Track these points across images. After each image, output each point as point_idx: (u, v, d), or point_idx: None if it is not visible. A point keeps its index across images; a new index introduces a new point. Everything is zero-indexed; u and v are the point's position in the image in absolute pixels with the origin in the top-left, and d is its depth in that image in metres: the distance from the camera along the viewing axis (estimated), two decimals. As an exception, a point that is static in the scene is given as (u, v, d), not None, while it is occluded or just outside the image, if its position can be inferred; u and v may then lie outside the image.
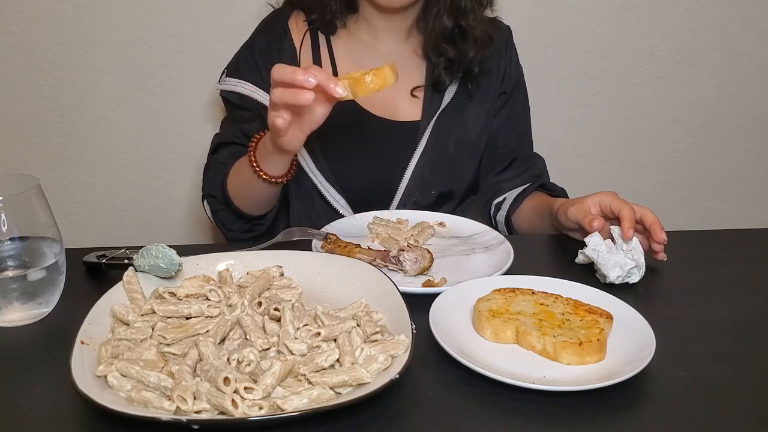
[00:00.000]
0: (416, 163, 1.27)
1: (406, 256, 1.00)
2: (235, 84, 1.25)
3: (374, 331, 0.78)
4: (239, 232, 1.22)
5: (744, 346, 0.85)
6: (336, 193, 1.26)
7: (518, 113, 1.37)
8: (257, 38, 1.29)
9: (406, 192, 1.27)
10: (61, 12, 1.48)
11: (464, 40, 1.23)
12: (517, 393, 0.74)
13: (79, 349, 0.73)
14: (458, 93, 1.30)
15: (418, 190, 1.28)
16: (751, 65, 1.74)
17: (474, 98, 1.30)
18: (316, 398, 0.69)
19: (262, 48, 1.26)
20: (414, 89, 1.29)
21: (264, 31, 1.29)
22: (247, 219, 1.20)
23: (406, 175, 1.27)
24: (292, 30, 1.27)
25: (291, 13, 1.29)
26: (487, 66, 1.30)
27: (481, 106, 1.31)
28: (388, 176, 1.27)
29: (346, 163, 1.26)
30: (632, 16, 1.65)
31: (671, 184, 1.82)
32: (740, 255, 1.10)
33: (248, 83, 1.24)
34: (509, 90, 1.34)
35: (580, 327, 0.82)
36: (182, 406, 0.67)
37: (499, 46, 1.31)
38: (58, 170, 1.60)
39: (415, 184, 1.27)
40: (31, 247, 0.86)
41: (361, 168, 1.27)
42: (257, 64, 1.25)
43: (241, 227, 1.22)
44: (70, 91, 1.54)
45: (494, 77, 1.32)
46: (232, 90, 1.26)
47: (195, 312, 0.81)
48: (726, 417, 0.72)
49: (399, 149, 1.27)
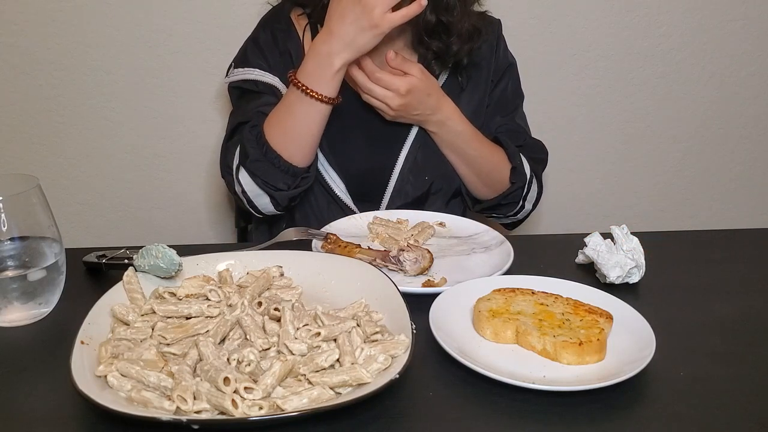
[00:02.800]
0: (409, 148, 1.29)
1: (406, 256, 1.00)
2: (246, 72, 1.28)
3: (374, 331, 0.78)
4: (287, 189, 1.19)
5: (744, 346, 0.85)
6: (336, 176, 1.28)
7: (509, 102, 1.37)
8: (262, 32, 1.32)
9: (401, 177, 1.29)
10: (61, 12, 1.48)
11: (448, 35, 1.25)
12: (517, 393, 0.74)
13: (79, 349, 0.73)
14: (449, 83, 1.31)
15: (411, 175, 1.29)
16: (751, 65, 1.74)
17: (466, 90, 1.32)
18: (316, 398, 0.69)
19: (267, 40, 1.30)
20: None
21: (267, 25, 1.32)
22: (292, 172, 1.18)
23: (400, 158, 1.29)
24: (295, 21, 1.31)
25: (291, 8, 1.32)
26: (478, 59, 1.32)
27: (473, 96, 1.32)
28: (384, 160, 1.29)
29: (344, 145, 1.28)
30: (632, 16, 1.65)
31: (671, 184, 1.82)
32: (740, 255, 1.10)
33: (257, 69, 1.27)
34: (497, 78, 1.35)
35: (580, 327, 0.82)
36: (182, 406, 0.67)
37: (490, 39, 1.33)
38: (58, 170, 1.60)
39: (409, 169, 1.29)
40: (31, 247, 0.86)
41: (359, 150, 1.29)
42: (264, 54, 1.29)
43: (287, 181, 1.18)
44: (70, 91, 1.54)
45: (485, 69, 1.33)
46: (244, 78, 1.28)
47: (195, 312, 0.81)
48: (726, 417, 0.72)
49: (392, 136, 1.29)
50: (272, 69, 1.27)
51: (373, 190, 1.30)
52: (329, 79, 1.13)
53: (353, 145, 1.29)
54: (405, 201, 1.30)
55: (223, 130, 1.47)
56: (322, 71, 1.13)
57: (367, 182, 1.29)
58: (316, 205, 1.28)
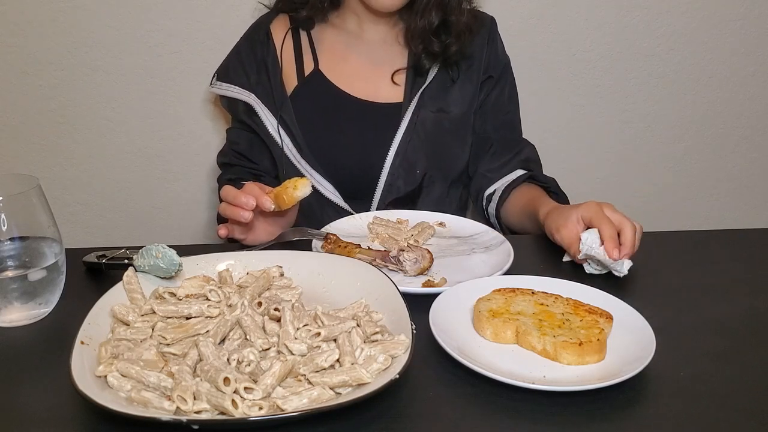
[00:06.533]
0: (399, 142, 1.29)
1: (406, 256, 1.00)
2: (225, 89, 1.34)
3: (374, 331, 0.78)
4: None
5: (744, 346, 0.85)
6: (322, 179, 1.29)
7: (505, 99, 1.38)
8: (243, 44, 1.37)
9: (391, 172, 1.29)
10: (61, 12, 1.48)
11: (448, 34, 1.27)
12: (517, 393, 0.74)
13: (79, 349, 0.73)
14: (439, 76, 1.32)
15: (402, 169, 1.30)
16: (751, 65, 1.74)
17: (456, 82, 1.33)
18: (316, 398, 0.69)
19: (247, 53, 1.34)
20: (395, 73, 1.32)
21: (249, 38, 1.37)
22: None
23: (390, 153, 1.29)
24: (274, 33, 1.34)
25: (274, 17, 1.36)
26: (469, 52, 1.32)
27: (463, 89, 1.33)
28: (373, 157, 1.30)
29: (329, 148, 1.30)
30: (632, 16, 1.65)
31: (671, 184, 1.82)
32: (740, 255, 1.10)
33: (235, 86, 1.32)
34: (496, 75, 1.36)
35: (580, 327, 0.82)
36: (182, 406, 0.67)
37: (481, 35, 1.34)
38: (58, 170, 1.60)
39: (399, 163, 1.29)
40: (31, 247, 0.86)
41: (345, 151, 1.30)
42: (245, 69, 1.33)
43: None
44: (70, 91, 1.54)
45: (476, 63, 1.33)
46: (221, 94, 1.35)
47: (195, 312, 0.81)
48: (726, 417, 0.72)
49: (382, 130, 1.30)
50: (251, 84, 1.31)
51: (363, 188, 1.30)
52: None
53: (340, 146, 1.30)
54: (397, 195, 1.30)
55: (222, 130, 1.48)
56: None
57: (356, 181, 1.30)
58: (309, 209, 1.27)
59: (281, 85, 1.30)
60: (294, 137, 1.29)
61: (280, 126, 1.28)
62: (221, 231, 1.07)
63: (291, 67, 1.32)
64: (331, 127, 1.30)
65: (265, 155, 1.32)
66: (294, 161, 1.28)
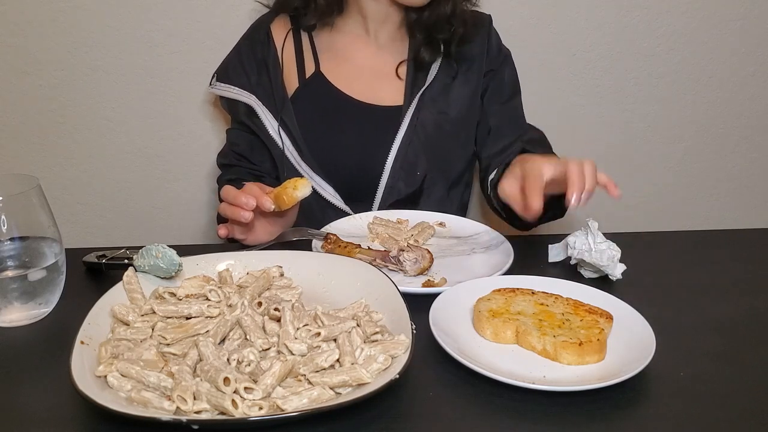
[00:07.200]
0: (400, 143, 1.28)
1: (406, 256, 1.00)
2: (224, 89, 1.33)
3: (374, 331, 0.78)
4: None
5: (744, 346, 0.85)
6: (323, 181, 1.28)
7: (506, 86, 1.38)
8: (243, 44, 1.36)
9: (392, 174, 1.29)
10: (62, 12, 1.48)
11: (453, 24, 1.28)
12: (517, 393, 0.74)
13: (79, 349, 0.73)
14: (441, 74, 1.32)
15: (403, 171, 1.29)
16: (751, 65, 1.73)
17: (457, 79, 1.33)
18: (316, 398, 0.69)
19: (247, 53, 1.33)
20: (399, 66, 1.33)
21: (249, 38, 1.36)
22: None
23: (390, 155, 1.28)
24: (275, 33, 1.33)
25: (274, 17, 1.36)
26: (470, 50, 1.33)
27: (464, 88, 1.33)
28: (373, 160, 1.29)
29: (330, 150, 1.29)
30: (632, 16, 1.65)
31: (671, 184, 1.82)
32: (740, 255, 1.10)
33: (235, 87, 1.31)
34: (496, 66, 1.36)
35: (580, 327, 0.82)
36: (182, 406, 0.67)
37: (481, 36, 1.35)
38: (58, 170, 1.59)
39: (400, 165, 1.29)
40: (31, 247, 0.86)
41: (346, 153, 1.29)
42: (245, 69, 1.32)
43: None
44: (70, 91, 1.54)
45: (477, 61, 1.34)
46: (221, 95, 1.34)
47: (195, 312, 0.81)
48: (726, 417, 0.72)
49: (382, 132, 1.30)
50: (251, 85, 1.31)
51: (363, 190, 1.30)
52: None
53: (340, 148, 1.29)
54: (398, 197, 1.30)
55: (222, 130, 1.48)
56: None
57: (356, 183, 1.30)
58: (309, 211, 1.26)
59: (282, 86, 1.30)
60: (295, 140, 1.28)
61: (281, 128, 1.28)
62: (221, 231, 1.08)
63: (292, 69, 1.32)
64: (331, 130, 1.29)
65: (266, 157, 1.32)
66: (294, 163, 1.28)
